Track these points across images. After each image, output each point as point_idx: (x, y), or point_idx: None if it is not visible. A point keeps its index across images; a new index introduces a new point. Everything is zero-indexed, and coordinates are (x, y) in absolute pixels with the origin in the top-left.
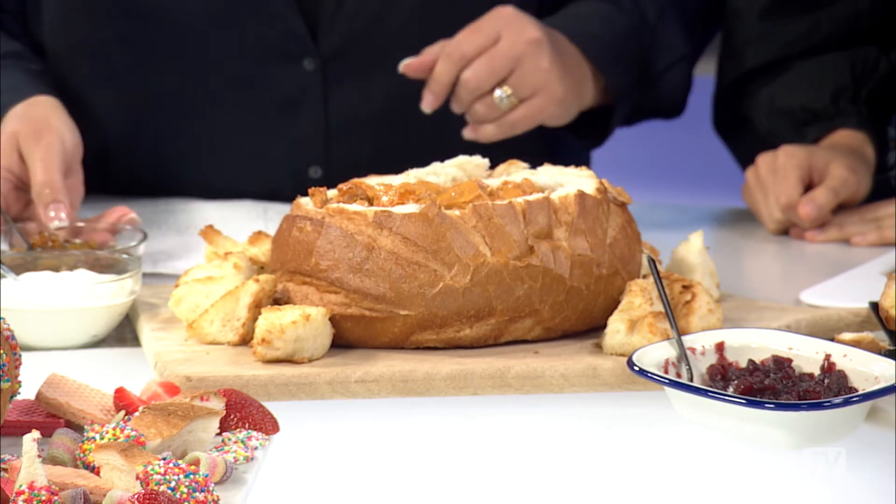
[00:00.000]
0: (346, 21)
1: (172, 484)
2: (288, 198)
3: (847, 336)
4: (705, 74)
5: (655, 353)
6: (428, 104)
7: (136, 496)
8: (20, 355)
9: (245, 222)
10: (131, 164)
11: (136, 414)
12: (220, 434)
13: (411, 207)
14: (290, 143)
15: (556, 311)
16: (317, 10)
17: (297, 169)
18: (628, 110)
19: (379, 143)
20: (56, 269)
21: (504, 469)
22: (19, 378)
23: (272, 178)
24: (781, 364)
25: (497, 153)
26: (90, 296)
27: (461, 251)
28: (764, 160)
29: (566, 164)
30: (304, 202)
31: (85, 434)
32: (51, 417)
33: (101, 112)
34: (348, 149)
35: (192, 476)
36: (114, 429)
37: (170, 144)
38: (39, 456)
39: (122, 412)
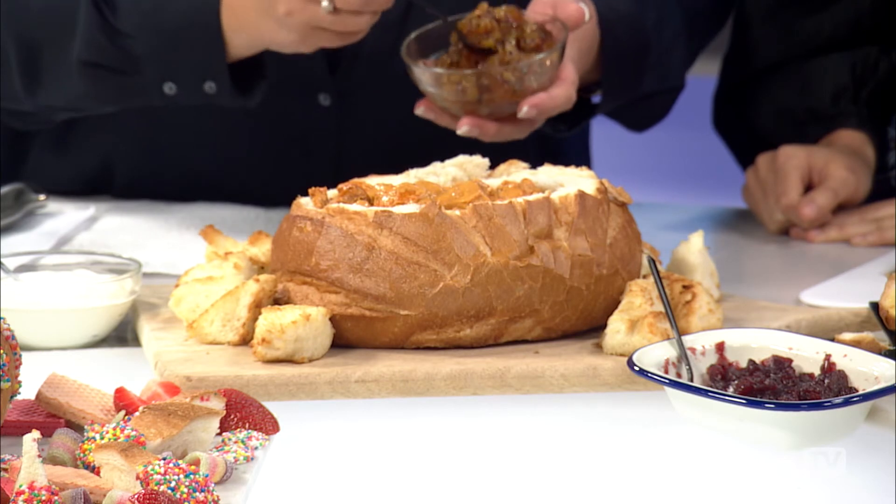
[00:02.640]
0: (364, 58)
1: (172, 484)
2: None
3: (847, 336)
4: (705, 74)
5: (655, 353)
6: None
7: (136, 496)
8: (20, 355)
9: (245, 222)
10: (138, 186)
11: (136, 414)
12: (220, 434)
13: (411, 207)
14: (300, 177)
15: (557, 311)
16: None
17: None
18: (607, 108)
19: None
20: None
21: (504, 469)
22: (19, 378)
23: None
24: (781, 364)
25: (497, 153)
26: (90, 296)
27: (461, 251)
28: (764, 160)
29: (566, 164)
30: (305, 202)
31: (85, 434)
32: (51, 417)
33: (109, 129)
34: None
35: (192, 476)
36: (114, 429)
37: (177, 172)
38: (39, 456)
39: (122, 412)
